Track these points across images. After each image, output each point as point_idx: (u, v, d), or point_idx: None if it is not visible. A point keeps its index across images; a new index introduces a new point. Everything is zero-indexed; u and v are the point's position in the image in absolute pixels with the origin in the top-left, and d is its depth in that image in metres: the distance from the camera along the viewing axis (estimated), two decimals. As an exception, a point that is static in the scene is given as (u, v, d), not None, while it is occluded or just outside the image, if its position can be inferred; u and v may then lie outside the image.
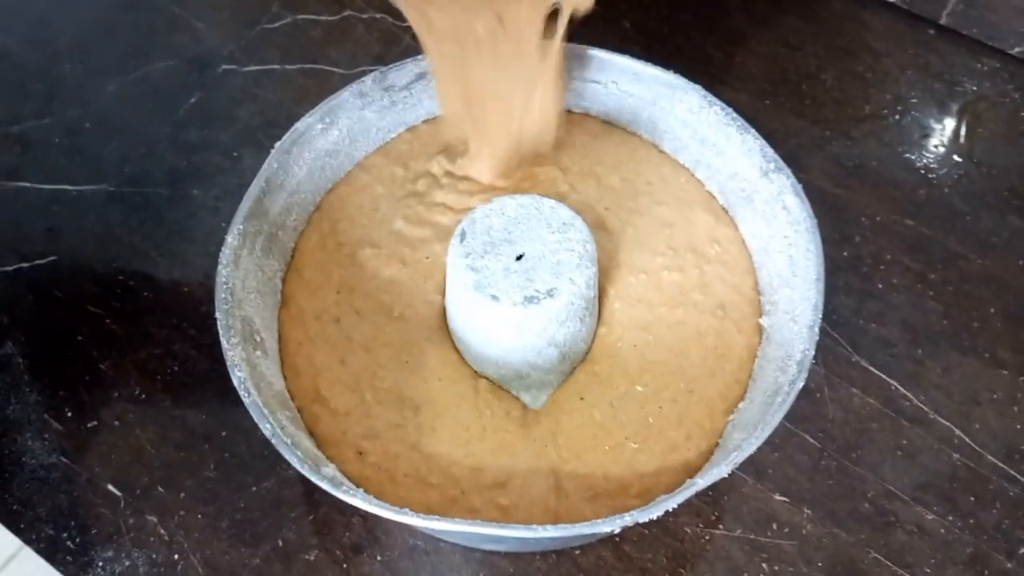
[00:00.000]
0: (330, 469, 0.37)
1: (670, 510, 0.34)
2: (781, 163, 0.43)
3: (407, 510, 0.35)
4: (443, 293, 0.44)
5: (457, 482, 0.39)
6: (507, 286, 0.39)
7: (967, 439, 0.46)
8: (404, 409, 0.41)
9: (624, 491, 0.39)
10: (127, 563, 0.43)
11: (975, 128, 0.56)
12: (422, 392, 0.41)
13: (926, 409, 0.46)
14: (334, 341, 0.42)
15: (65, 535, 0.43)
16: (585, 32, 0.63)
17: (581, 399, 0.41)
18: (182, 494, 0.44)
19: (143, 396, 0.47)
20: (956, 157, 0.55)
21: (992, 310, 0.49)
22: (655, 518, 0.34)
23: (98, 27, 0.62)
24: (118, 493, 0.44)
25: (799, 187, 0.42)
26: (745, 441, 0.36)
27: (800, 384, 0.37)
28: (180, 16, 0.63)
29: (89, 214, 0.53)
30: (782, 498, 0.44)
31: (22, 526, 0.43)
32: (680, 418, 0.41)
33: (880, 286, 0.50)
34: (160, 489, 0.45)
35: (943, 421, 0.46)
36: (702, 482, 0.35)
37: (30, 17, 0.63)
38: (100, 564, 0.43)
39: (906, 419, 0.46)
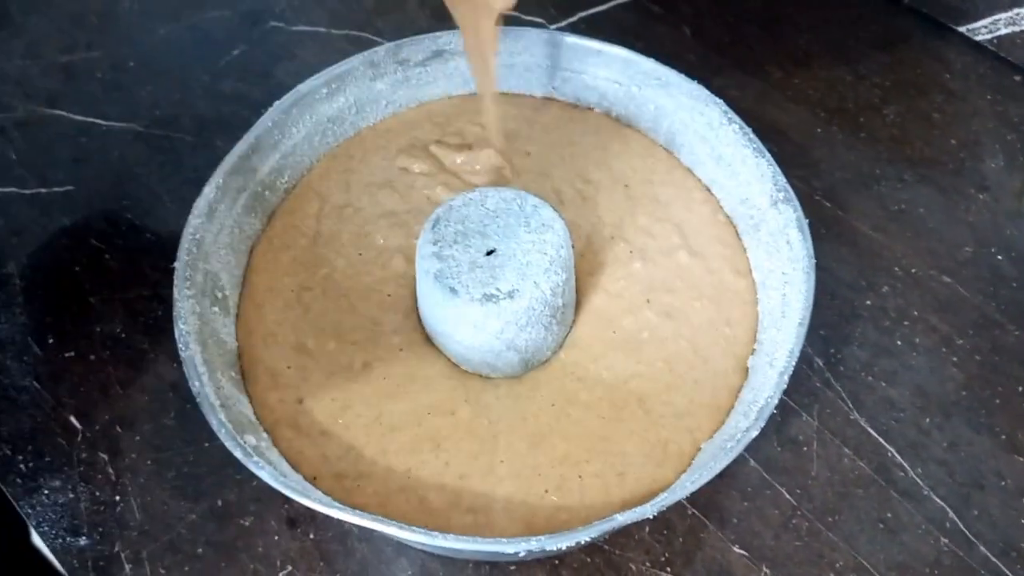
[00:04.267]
0: (253, 438, 0.36)
1: (591, 541, 0.32)
2: (791, 194, 0.40)
3: (321, 494, 0.34)
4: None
5: (404, 480, 0.38)
6: (469, 280, 0.37)
7: (961, 525, 0.41)
8: (350, 392, 0.39)
9: (576, 516, 0.37)
10: (71, 495, 0.43)
11: (1044, 188, 0.51)
12: (380, 377, 0.40)
13: (921, 484, 0.42)
14: (295, 313, 0.41)
15: (20, 457, 0.44)
16: (640, 32, 0.60)
17: (547, 412, 0.39)
18: (137, 437, 0.44)
19: (123, 335, 0.47)
20: (1012, 217, 0.50)
21: (1020, 389, 0.45)
22: (603, 546, 0.32)
23: (164, -30, 0.63)
24: (78, 425, 0.45)
25: (804, 222, 0.39)
26: (679, 485, 0.33)
27: (754, 433, 0.34)
28: (244, -31, 0.63)
29: (114, 150, 0.54)
30: (741, 551, 0.41)
31: (-19, 441, 0.44)
32: (651, 450, 0.38)
33: (899, 343, 0.46)
34: (118, 429, 0.45)
35: (937, 500, 0.42)
36: (621, 518, 0.32)
37: (104, -47, 0.65)
38: (46, 492, 0.43)
39: (896, 491, 0.42)
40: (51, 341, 0.47)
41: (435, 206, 0.43)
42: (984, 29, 0.55)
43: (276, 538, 0.42)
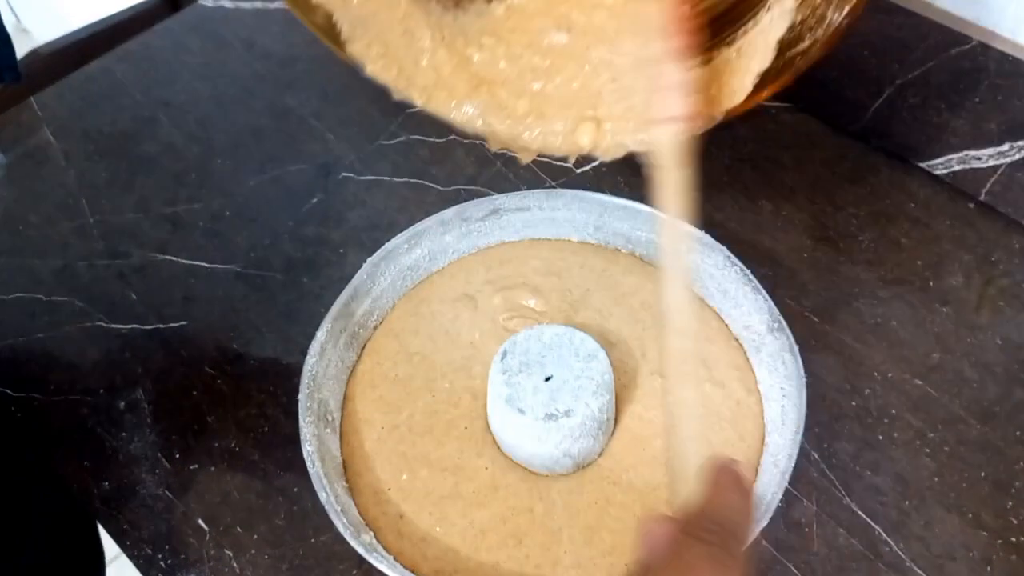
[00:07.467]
0: (368, 536, 0.46)
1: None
2: (783, 324, 0.50)
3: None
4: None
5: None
6: (533, 402, 0.47)
7: (937, 590, 0.50)
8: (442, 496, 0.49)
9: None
10: (204, 586, 0.52)
11: (996, 302, 0.61)
12: (469, 492, 0.49)
13: (904, 557, 0.51)
14: (388, 447, 0.51)
15: (160, 556, 0.53)
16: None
17: (593, 508, 0.49)
18: (255, 535, 0.54)
19: (237, 448, 0.57)
20: (972, 328, 0.60)
21: (983, 475, 0.54)
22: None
23: (249, 131, 0.75)
24: (205, 527, 0.54)
25: (795, 347, 0.49)
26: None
27: (764, 522, 0.43)
28: (316, 128, 0.75)
29: (218, 289, 0.65)
30: (758, 616, 0.50)
31: (128, 543, 0.54)
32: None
33: (881, 438, 0.56)
34: (239, 529, 0.54)
35: (918, 570, 0.51)
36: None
37: (196, 116, 0.76)
38: (183, 583, 0.52)
39: (884, 563, 0.51)
40: (177, 456, 0.57)
41: (481, 352, 0.53)
42: (941, 166, 0.66)
43: (375, 616, 0.51)
